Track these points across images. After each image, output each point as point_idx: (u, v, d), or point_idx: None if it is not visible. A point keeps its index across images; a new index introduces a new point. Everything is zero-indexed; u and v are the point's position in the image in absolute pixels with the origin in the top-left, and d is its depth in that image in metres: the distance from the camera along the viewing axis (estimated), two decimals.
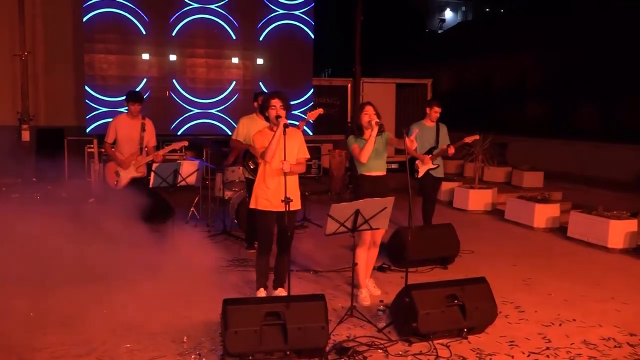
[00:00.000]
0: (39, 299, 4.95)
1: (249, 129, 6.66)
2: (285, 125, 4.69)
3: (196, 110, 10.71)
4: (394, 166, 13.40)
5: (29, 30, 10.73)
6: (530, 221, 8.54)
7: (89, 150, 10.29)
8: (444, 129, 7.51)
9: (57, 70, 11.37)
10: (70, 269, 5.49)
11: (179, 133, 10.56)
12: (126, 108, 6.76)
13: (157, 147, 6.80)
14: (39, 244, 5.71)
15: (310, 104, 11.91)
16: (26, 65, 9.10)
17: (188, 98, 10.73)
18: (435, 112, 7.42)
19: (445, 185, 10.56)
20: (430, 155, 7.34)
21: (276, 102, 4.87)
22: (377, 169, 5.18)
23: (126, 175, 6.49)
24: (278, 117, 4.81)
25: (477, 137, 7.57)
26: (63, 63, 11.02)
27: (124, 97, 7.07)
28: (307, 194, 11.09)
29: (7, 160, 10.46)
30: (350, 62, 13.15)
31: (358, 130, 5.18)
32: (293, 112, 11.12)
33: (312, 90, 11.59)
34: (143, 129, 6.67)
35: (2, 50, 10.05)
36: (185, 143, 6.75)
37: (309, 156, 5.13)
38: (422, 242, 6.30)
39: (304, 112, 11.72)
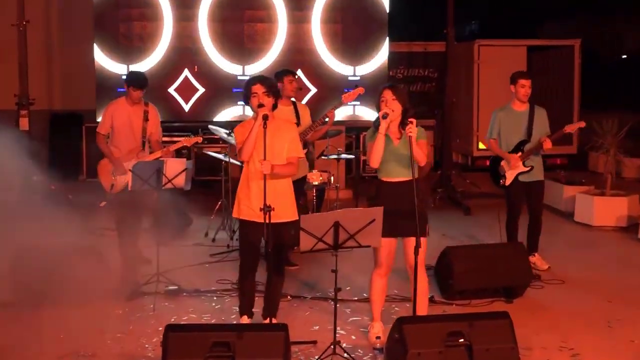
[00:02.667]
0: None
1: None
2: (265, 117, 5.36)
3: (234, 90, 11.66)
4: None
5: None
6: None
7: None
8: (541, 115, 7.69)
9: (75, 42, 12.76)
10: (33, 286, 6.49)
11: (214, 119, 11.55)
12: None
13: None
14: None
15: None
16: (24, 36, 10.47)
17: (222, 74, 11.72)
18: (522, 86, 7.55)
19: (568, 191, 10.69)
20: (519, 153, 7.60)
21: (258, 89, 5.55)
22: (398, 173, 5.56)
23: (125, 176, 7.35)
24: (260, 105, 5.48)
25: (582, 124, 7.70)
26: (82, 33, 12.33)
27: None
28: None
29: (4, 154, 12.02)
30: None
31: (377, 122, 5.47)
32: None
33: (385, 60, 12.06)
34: (146, 118, 7.53)
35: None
36: (199, 139, 7.57)
37: (302, 155, 5.79)
38: (477, 266, 6.71)
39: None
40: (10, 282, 6.55)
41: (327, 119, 7.51)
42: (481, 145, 14.66)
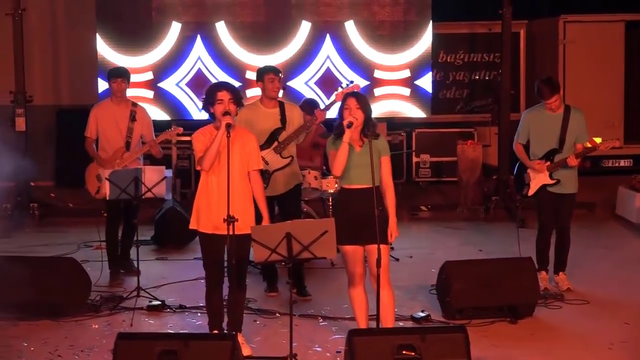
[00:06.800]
0: None
1: (251, 123, 8.44)
2: (228, 126, 6.74)
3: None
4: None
5: None
6: None
7: None
8: (577, 118, 8.72)
9: (82, 31, 14.49)
10: (14, 298, 8.10)
11: None
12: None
13: None
14: None
15: (427, 73, 13.71)
16: (20, 26, 12.22)
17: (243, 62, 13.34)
18: (549, 103, 8.54)
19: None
20: (547, 162, 8.70)
21: (224, 95, 6.93)
22: (359, 180, 6.90)
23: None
24: (227, 113, 6.88)
25: (615, 143, 8.68)
26: (91, 21, 14.04)
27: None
28: (424, 208, 13.01)
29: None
30: None
31: (340, 130, 6.88)
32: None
33: (429, 45, 13.42)
34: (133, 118, 9.20)
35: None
36: (180, 130, 9.12)
37: (262, 166, 7.17)
38: (477, 283, 7.96)
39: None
40: None
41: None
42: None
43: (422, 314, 7.99)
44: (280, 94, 8.80)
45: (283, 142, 8.55)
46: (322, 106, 9.61)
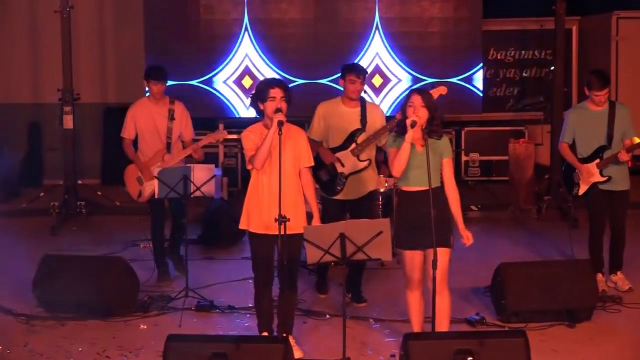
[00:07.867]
0: None
1: (329, 121, 8.30)
2: (280, 123, 6.59)
3: (300, 81, 13.09)
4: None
5: None
6: None
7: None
8: (623, 114, 8.50)
9: (129, 28, 14.52)
10: (62, 297, 8.03)
11: None
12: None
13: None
14: None
15: (478, 67, 13.48)
16: (68, 24, 12.19)
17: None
18: (597, 95, 8.31)
19: None
20: (597, 161, 8.49)
21: (277, 92, 6.79)
22: (419, 182, 6.68)
23: (152, 182, 8.75)
24: (278, 110, 6.73)
25: None
26: (138, 18, 14.03)
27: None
28: (474, 208, 12.77)
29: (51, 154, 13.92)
30: None
31: (402, 128, 6.66)
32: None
33: (479, 41, 13.32)
34: (171, 117, 9.00)
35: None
36: (224, 134, 8.96)
37: (312, 163, 7.02)
38: (534, 285, 7.74)
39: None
40: (39, 293, 8.17)
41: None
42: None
43: (477, 317, 7.81)
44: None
45: (361, 144, 8.15)
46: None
